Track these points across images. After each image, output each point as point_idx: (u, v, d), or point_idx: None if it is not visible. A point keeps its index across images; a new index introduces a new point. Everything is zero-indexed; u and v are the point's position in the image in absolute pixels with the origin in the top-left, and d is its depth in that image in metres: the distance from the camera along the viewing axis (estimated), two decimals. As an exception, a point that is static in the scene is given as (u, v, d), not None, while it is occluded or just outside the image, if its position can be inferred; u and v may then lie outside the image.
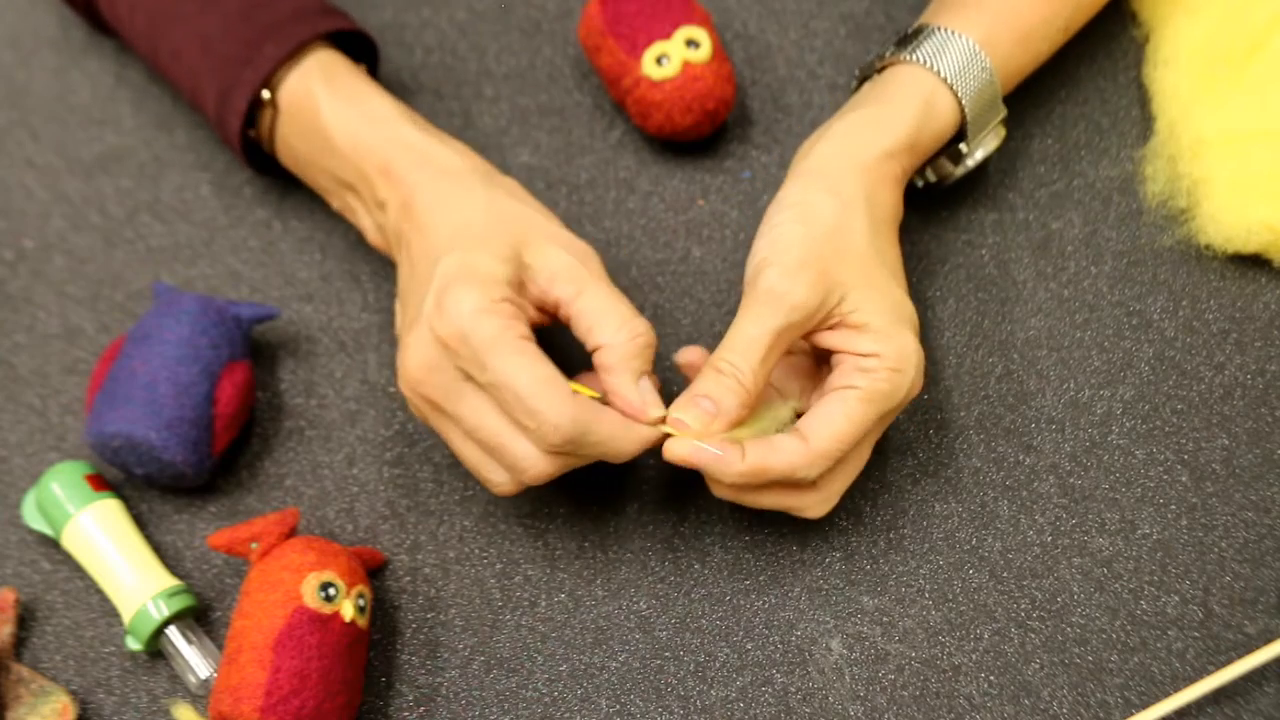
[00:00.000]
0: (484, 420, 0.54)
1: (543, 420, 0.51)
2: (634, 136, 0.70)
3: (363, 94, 0.61)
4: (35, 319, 0.67)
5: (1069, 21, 0.65)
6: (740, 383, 0.54)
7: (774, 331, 0.54)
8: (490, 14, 0.74)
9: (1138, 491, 0.62)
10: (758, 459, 0.53)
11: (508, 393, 0.52)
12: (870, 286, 0.55)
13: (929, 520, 0.61)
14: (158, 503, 0.63)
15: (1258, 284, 0.66)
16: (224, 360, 0.61)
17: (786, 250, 0.55)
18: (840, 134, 0.59)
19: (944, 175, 0.66)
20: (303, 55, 0.62)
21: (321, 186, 0.64)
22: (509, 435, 0.53)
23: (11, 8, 0.75)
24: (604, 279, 0.57)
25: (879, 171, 0.59)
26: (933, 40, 0.61)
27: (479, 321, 0.52)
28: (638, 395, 0.54)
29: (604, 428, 0.53)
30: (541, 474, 0.54)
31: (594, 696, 0.59)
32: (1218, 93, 0.67)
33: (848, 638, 0.59)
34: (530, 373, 0.52)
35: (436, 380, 0.54)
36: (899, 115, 0.59)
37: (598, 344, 0.55)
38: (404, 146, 0.60)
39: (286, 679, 0.53)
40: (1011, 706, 0.58)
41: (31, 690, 0.58)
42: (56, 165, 0.71)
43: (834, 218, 0.56)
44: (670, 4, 0.66)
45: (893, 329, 0.55)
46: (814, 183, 0.57)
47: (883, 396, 0.54)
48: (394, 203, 0.59)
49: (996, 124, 0.64)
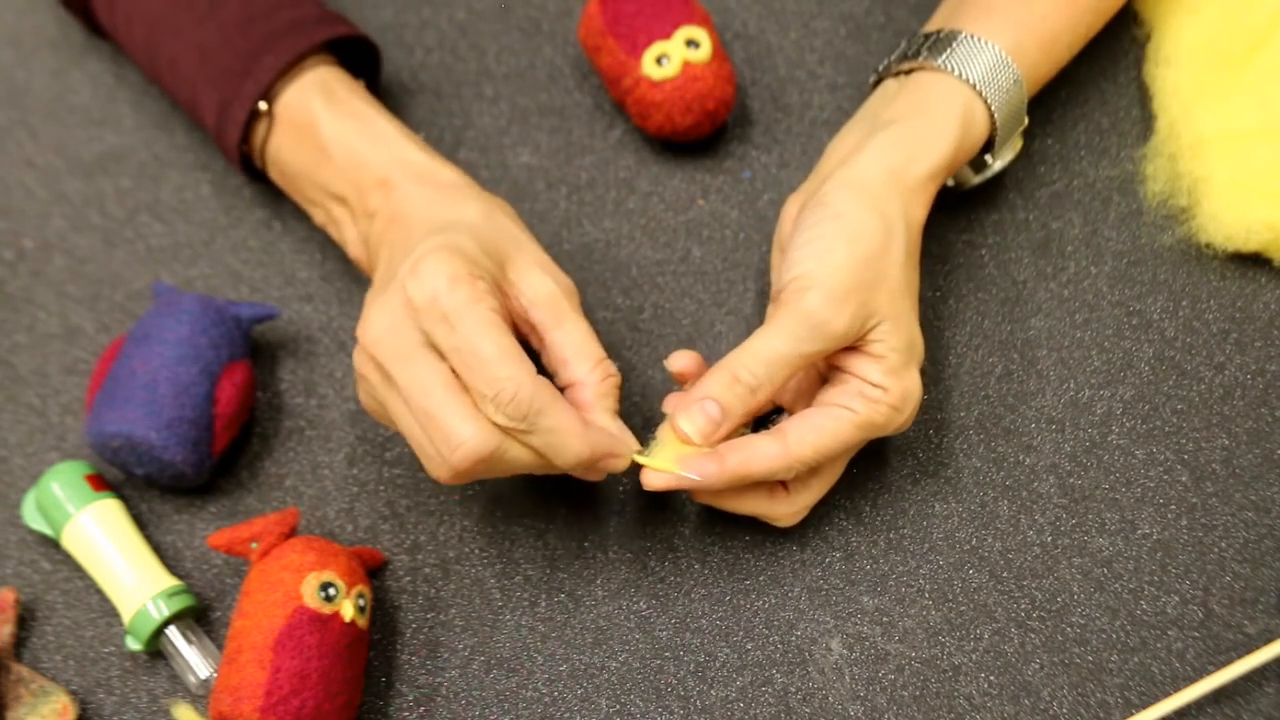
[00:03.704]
0: (426, 387, 0.51)
1: (502, 386, 0.50)
2: (634, 136, 0.70)
3: (362, 111, 0.62)
4: (35, 319, 0.67)
5: (1089, 28, 0.65)
6: (753, 394, 0.54)
7: (804, 355, 0.54)
8: (490, 14, 0.74)
9: (1138, 491, 0.62)
10: (738, 463, 0.54)
11: (471, 356, 0.50)
12: (896, 320, 0.55)
13: (929, 520, 0.61)
14: (158, 503, 0.63)
15: (1258, 284, 0.66)
16: (224, 360, 0.61)
17: (832, 274, 0.54)
18: (885, 147, 0.58)
19: (962, 182, 0.66)
20: (302, 70, 0.62)
21: (308, 198, 0.63)
22: (449, 408, 0.51)
23: (11, 8, 0.75)
24: (581, 315, 0.56)
25: (918, 193, 0.58)
26: (963, 48, 0.60)
27: (455, 286, 0.51)
28: (615, 428, 0.54)
29: (561, 416, 0.51)
30: (471, 452, 0.50)
31: (594, 696, 0.59)
32: (1218, 91, 0.67)
33: (848, 638, 0.59)
34: (496, 341, 0.51)
35: (392, 341, 0.52)
36: (942, 132, 0.58)
37: (572, 380, 0.55)
38: (404, 162, 0.60)
39: (286, 679, 0.53)
40: (1011, 706, 0.58)
41: (31, 690, 0.58)
42: (56, 165, 0.71)
43: (878, 243, 0.55)
44: (670, 4, 0.66)
45: (905, 368, 0.55)
46: (859, 198, 0.56)
47: (874, 427, 0.55)
48: (385, 212, 0.58)
49: (1017, 133, 0.64)
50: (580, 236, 0.68)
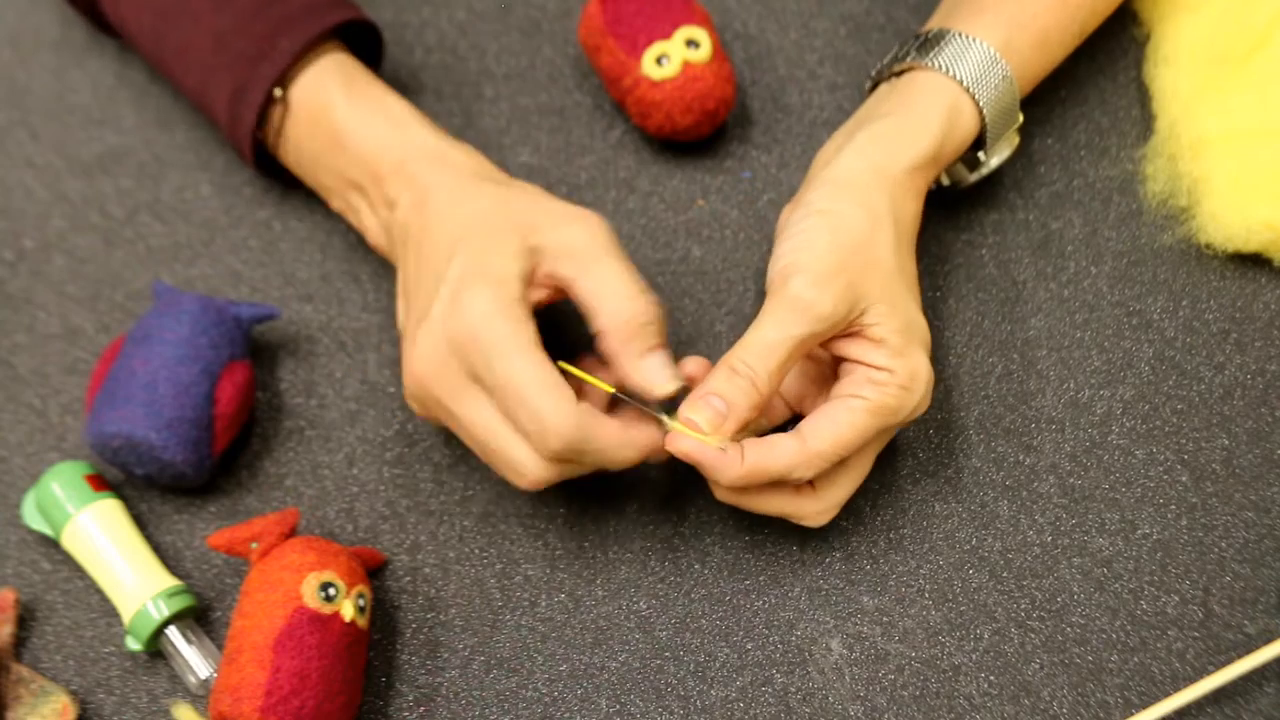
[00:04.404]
0: (486, 422, 0.54)
1: (544, 425, 0.51)
2: (634, 136, 0.70)
3: (379, 96, 0.62)
4: (35, 319, 0.67)
5: (1084, 26, 0.65)
6: (754, 385, 0.54)
7: (796, 339, 0.54)
8: (490, 14, 0.74)
9: (1138, 491, 0.62)
10: (756, 459, 0.53)
11: (512, 396, 0.52)
12: (892, 302, 0.55)
13: (929, 520, 0.61)
14: (158, 503, 0.63)
15: (1258, 284, 0.66)
16: (224, 360, 0.61)
17: (816, 258, 0.55)
18: (866, 143, 0.58)
19: (958, 180, 0.66)
20: (318, 55, 0.62)
21: (324, 185, 0.64)
22: (509, 439, 0.53)
23: (11, 8, 0.75)
24: (608, 253, 0.55)
25: (905, 185, 0.58)
26: (952, 46, 0.60)
27: (492, 323, 0.52)
28: (641, 377, 0.54)
29: (604, 437, 0.53)
30: (539, 479, 0.54)
31: (594, 696, 0.59)
32: (1219, 91, 0.67)
33: (848, 638, 0.59)
34: (536, 377, 0.52)
35: (443, 377, 0.54)
36: (924, 126, 0.59)
37: (598, 329, 0.55)
38: (420, 147, 0.60)
39: (286, 679, 0.53)
40: (1011, 706, 0.58)
41: (31, 690, 0.58)
42: (56, 165, 0.71)
43: (864, 231, 0.56)
44: (670, 4, 0.66)
45: (907, 347, 0.55)
46: (843, 193, 0.57)
47: (888, 411, 0.55)
48: (406, 200, 0.59)
49: (1012, 130, 0.64)
50: (580, 236, 0.68)
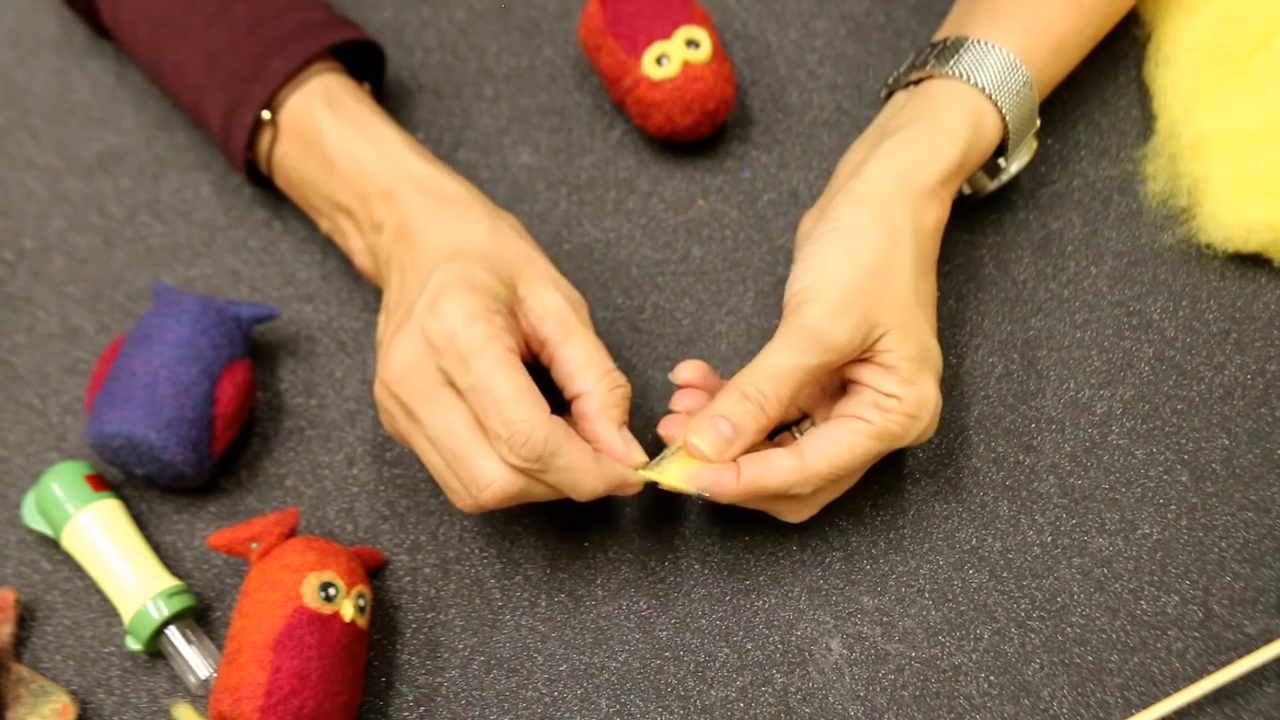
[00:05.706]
0: (452, 427, 0.53)
1: (516, 429, 0.51)
2: (634, 136, 0.70)
3: (367, 120, 0.61)
4: (35, 319, 0.67)
5: (1098, 30, 0.64)
6: (764, 410, 0.54)
7: (808, 369, 0.54)
8: (490, 14, 0.74)
9: (1138, 491, 0.62)
10: (753, 476, 0.54)
11: (486, 397, 0.51)
12: (906, 329, 0.55)
13: (929, 520, 0.61)
14: (158, 503, 0.63)
15: (1258, 284, 0.66)
16: (224, 360, 0.61)
17: (831, 285, 0.54)
18: (891, 154, 0.58)
19: (979, 189, 0.66)
20: (307, 77, 0.62)
21: (314, 207, 0.63)
22: (476, 446, 0.52)
23: (11, 8, 0.75)
24: (590, 328, 0.57)
25: (932, 199, 0.57)
26: (971, 53, 0.59)
27: (471, 325, 0.52)
28: (620, 441, 0.55)
29: (574, 454, 0.52)
30: (499, 493, 0.52)
31: (594, 696, 0.59)
32: (1219, 91, 0.67)
33: (848, 638, 0.59)
34: (511, 381, 0.52)
35: (415, 381, 0.53)
36: (949, 134, 0.58)
37: (579, 391, 0.55)
38: (408, 174, 0.60)
39: (286, 679, 0.53)
40: (1011, 706, 0.58)
41: (31, 690, 0.58)
42: (56, 165, 0.71)
43: (882, 252, 0.55)
44: (670, 4, 0.66)
45: (918, 375, 0.55)
46: (865, 208, 0.56)
47: (891, 437, 0.55)
48: (391, 225, 0.58)
49: (1031, 135, 0.64)
50: (580, 236, 0.68)
